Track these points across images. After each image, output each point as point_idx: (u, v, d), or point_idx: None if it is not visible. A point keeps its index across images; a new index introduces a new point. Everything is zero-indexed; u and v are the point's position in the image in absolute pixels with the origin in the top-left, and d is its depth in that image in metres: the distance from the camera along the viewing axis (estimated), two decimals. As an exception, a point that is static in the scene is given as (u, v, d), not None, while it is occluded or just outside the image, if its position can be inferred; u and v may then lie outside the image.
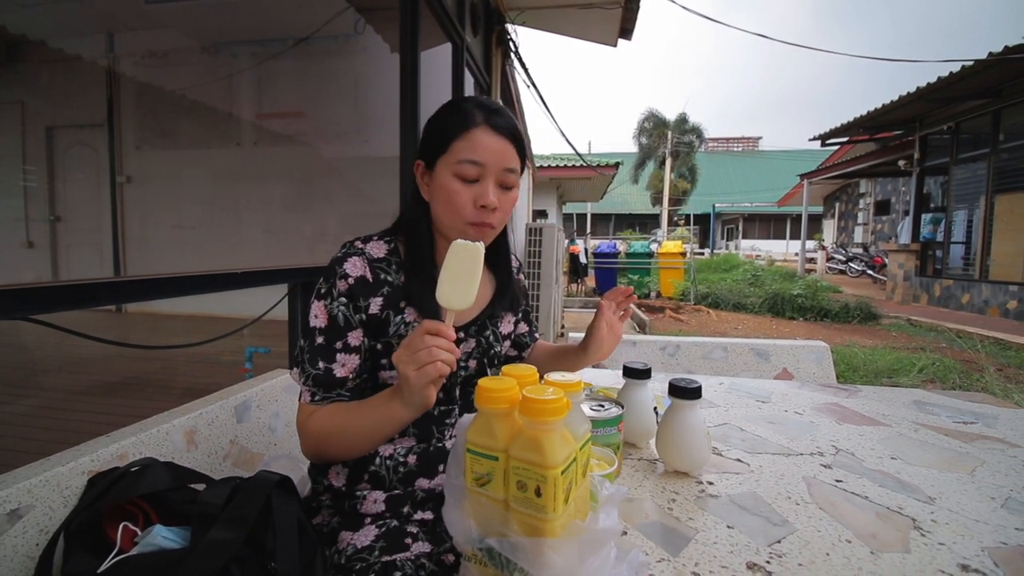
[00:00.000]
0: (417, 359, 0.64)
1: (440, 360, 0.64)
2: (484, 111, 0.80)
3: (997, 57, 5.87)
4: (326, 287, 0.79)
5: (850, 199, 17.15)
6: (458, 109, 0.81)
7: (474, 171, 0.78)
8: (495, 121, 0.80)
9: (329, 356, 0.77)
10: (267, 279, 1.47)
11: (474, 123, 0.79)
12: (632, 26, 4.34)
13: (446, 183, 0.79)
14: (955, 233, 8.23)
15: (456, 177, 0.79)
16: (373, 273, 0.80)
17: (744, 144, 48.30)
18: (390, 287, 0.81)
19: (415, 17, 2.40)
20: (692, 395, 0.80)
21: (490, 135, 0.79)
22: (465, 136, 0.78)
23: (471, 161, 0.78)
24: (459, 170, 0.78)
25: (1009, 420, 1.08)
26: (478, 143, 0.78)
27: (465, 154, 0.78)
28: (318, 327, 0.78)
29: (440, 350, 0.64)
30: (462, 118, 0.79)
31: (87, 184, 4.76)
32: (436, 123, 0.83)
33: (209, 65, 4.52)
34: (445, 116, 0.82)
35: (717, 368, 2.01)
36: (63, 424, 2.42)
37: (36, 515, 0.66)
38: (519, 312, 1.02)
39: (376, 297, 0.79)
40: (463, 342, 0.86)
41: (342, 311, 0.78)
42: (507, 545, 0.48)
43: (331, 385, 0.77)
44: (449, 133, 0.80)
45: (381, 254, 0.83)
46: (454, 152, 0.79)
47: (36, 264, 4.68)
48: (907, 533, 0.66)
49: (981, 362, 4.25)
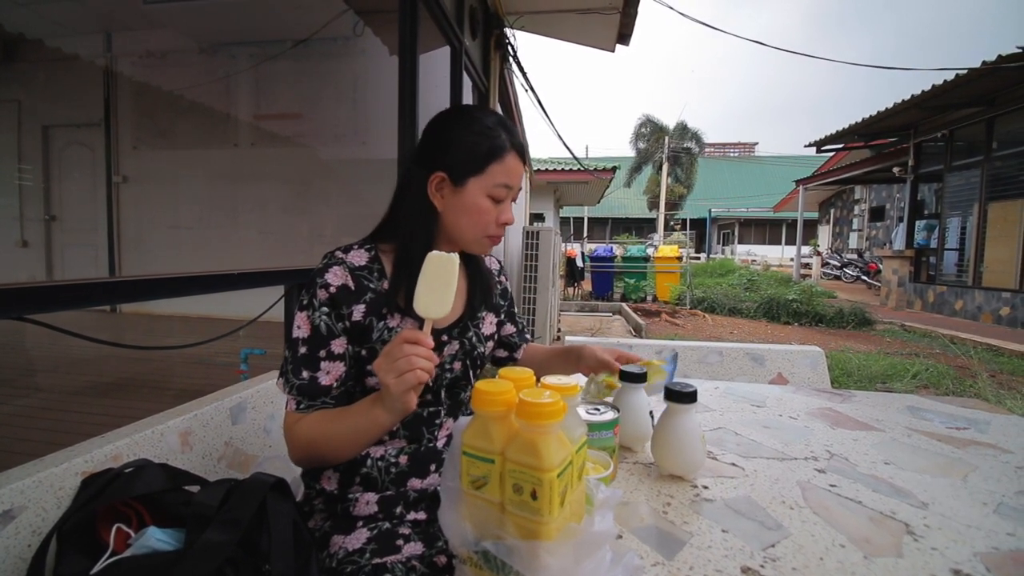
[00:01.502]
0: (396, 367, 0.66)
1: (419, 368, 0.66)
2: (510, 134, 0.86)
3: (990, 66, 5.92)
4: (308, 298, 0.80)
5: (845, 205, 17.25)
6: (490, 132, 0.84)
7: (506, 194, 0.85)
8: (519, 146, 0.86)
9: (313, 365, 0.78)
10: (264, 280, 1.47)
11: (506, 147, 0.84)
12: (630, 31, 4.37)
13: (478, 201, 0.83)
14: (949, 240, 8.29)
15: (489, 197, 0.84)
16: (355, 281, 0.82)
17: (740, 149, 48.50)
18: (373, 294, 0.82)
19: (414, 20, 2.40)
20: (688, 399, 0.81)
21: (517, 160, 0.85)
22: (501, 161, 0.83)
23: (506, 186, 0.84)
24: (495, 192, 0.83)
25: (1001, 426, 1.09)
26: (512, 169, 0.85)
27: (502, 179, 0.83)
28: (301, 337, 0.79)
29: (419, 358, 0.66)
30: (498, 142, 0.83)
31: (83, 184, 4.74)
32: (466, 140, 0.83)
33: (207, 66, 4.52)
34: (476, 136, 0.83)
35: (712, 372, 2.01)
36: (56, 425, 2.40)
37: (29, 516, 0.66)
38: (501, 312, 1.03)
39: (359, 304, 0.81)
40: (446, 344, 0.87)
41: (324, 320, 0.79)
42: (503, 548, 0.48)
43: (316, 393, 0.78)
44: (486, 156, 0.83)
45: (362, 262, 0.84)
46: (491, 175, 0.83)
47: (30, 263, 4.66)
48: (900, 538, 0.66)
49: (974, 368, 4.27)
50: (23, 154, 4.59)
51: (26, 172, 4.65)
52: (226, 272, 1.28)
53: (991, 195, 7.25)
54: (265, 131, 4.54)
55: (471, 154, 0.83)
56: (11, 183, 4.59)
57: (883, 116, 7.88)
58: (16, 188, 4.62)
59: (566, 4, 4.03)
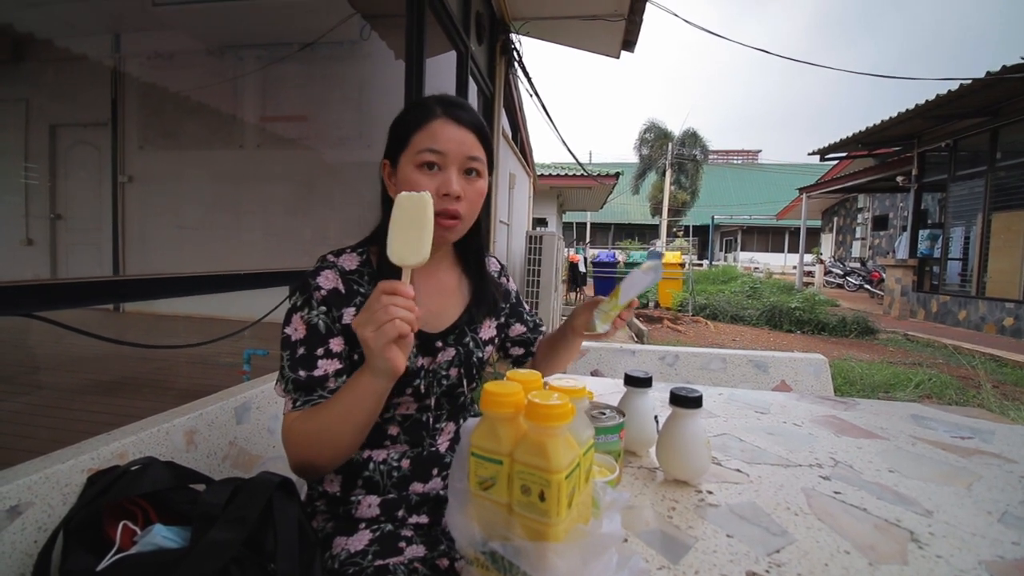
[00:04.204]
0: (375, 319, 0.63)
1: (398, 318, 0.62)
2: (443, 104, 0.81)
3: (995, 76, 5.93)
4: (302, 300, 0.78)
5: (848, 214, 17.24)
6: (418, 105, 0.82)
7: (434, 159, 0.78)
8: (455, 113, 0.80)
9: (310, 364, 0.76)
10: (270, 281, 1.48)
11: (433, 115, 0.80)
12: (635, 38, 4.38)
13: (408, 175, 0.79)
14: (952, 249, 8.27)
15: (417, 168, 0.78)
16: (346, 285, 0.80)
17: (744, 157, 48.56)
18: (362, 297, 0.81)
19: (421, 25, 2.42)
20: (693, 404, 0.81)
21: (450, 125, 0.79)
22: (425, 128, 0.79)
23: (431, 150, 0.78)
24: (420, 159, 0.78)
25: (1006, 436, 1.09)
26: (437, 133, 0.78)
27: (425, 143, 0.78)
28: (297, 339, 0.77)
29: (397, 308, 0.62)
30: (421, 112, 0.80)
31: (89, 183, 4.77)
32: (398, 121, 0.83)
33: (214, 67, 4.55)
34: (406, 113, 0.83)
35: (715, 379, 2.01)
36: (61, 423, 2.41)
37: (36, 512, 0.66)
38: (501, 315, 1.00)
39: (349, 308, 0.79)
40: (441, 351, 0.85)
41: (322, 319, 0.78)
42: (510, 549, 0.48)
43: (312, 387, 0.75)
44: (409, 127, 0.80)
45: (353, 266, 0.83)
46: (414, 145, 0.79)
47: (35, 262, 4.68)
48: (905, 545, 0.66)
49: (978, 378, 4.25)
50: (30, 153, 4.62)
51: (32, 171, 4.67)
52: (234, 272, 1.29)
53: (995, 205, 7.24)
54: (271, 133, 4.56)
55: (399, 131, 0.82)
56: (17, 181, 4.62)
57: (887, 125, 7.88)
58: (22, 186, 4.64)
59: (572, 10, 4.06)
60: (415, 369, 0.81)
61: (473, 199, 0.82)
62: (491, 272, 0.99)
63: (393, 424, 0.84)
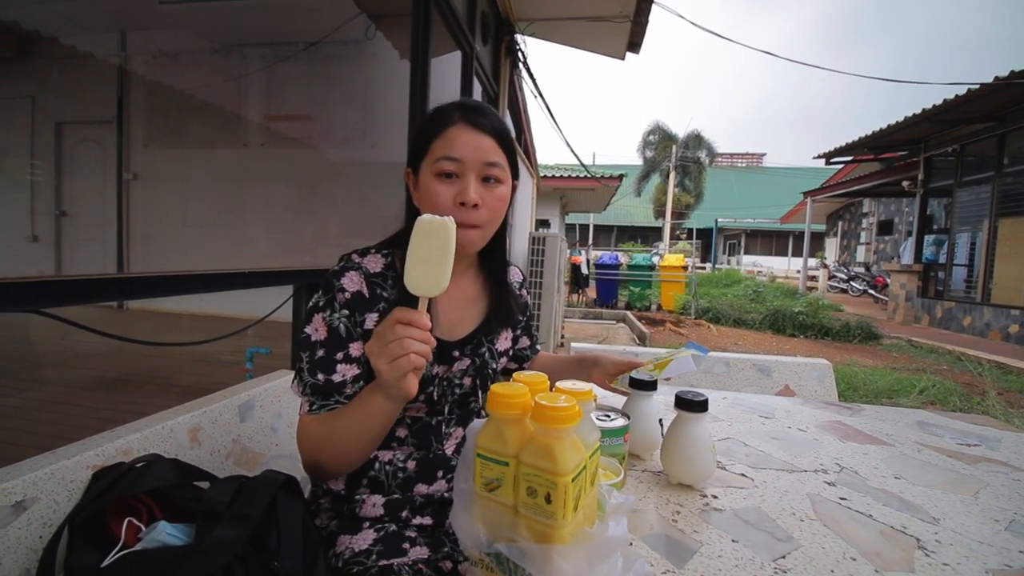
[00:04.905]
0: (389, 351, 0.62)
1: (413, 352, 0.61)
2: (462, 110, 0.80)
3: (1002, 81, 5.91)
4: (325, 300, 0.77)
5: (853, 218, 17.19)
6: (438, 111, 0.82)
7: (452, 167, 0.77)
8: (473, 118, 0.79)
9: (329, 367, 0.75)
10: (275, 280, 1.48)
11: (451, 121, 0.79)
12: (640, 40, 4.38)
13: (427, 183, 0.79)
14: (958, 255, 8.23)
15: (436, 177, 0.78)
16: (369, 288, 0.79)
17: (748, 160, 48.45)
18: (386, 303, 0.79)
19: (427, 25, 2.42)
20: (698, 408, 0.80)
21: (468, 131, 0.78)
22: (442, 135, 0.78)
23: (448, 157, 0.77)
24: (438, 167, 0.77)
25: (1013, 444, 1.08)
26: (455, 139, 0.78)
27: (442, 152, 0.77)
28: (318, 340, 0.76)
29: (413, 341, 0.61)
30: (440, 118, 0.80)
31: (94, 180, 4.79)
32: (420, 129, 0.83)
33: (219, 66, 4.56)
34: (426, 121, 0.82)
35: (719, 383, 2.00)
36: (66, 419, 2.42)
37: (41, 508, 0.66)
38: (519, 328, 0.99)
39: (372, 313, 0.78)
40: (457, 360, 0.84)
41: (343, 323, 0.76)
42: (516, 551, 0.48)
43: (329, 392, 0.75)
44: (428, 135, 0.80)
45: (378, 268, 0.81)
46: (433, 152, 0.79)
47: (40, 258, 4.70)
48: (911, 553, 0.66)
49: (982, 385, 4.23)
50: (36, 150, 4.64)
51: (38, 168, 4.69)
52: (238, 271, 1.29)
53: (1002, 211, 7.21)
54: (275, 132, 4.57)
55: (420, 139, 0.81)
56: (23, 178, 4.64)
57: (893, 129, 7.86)
58: (28, 183, 4.67)
59: (577, 11, 4.06)
60: (429, 376, 0.81)
61: (493, 206, 0.81)
62: (513, 283, 0.97)
63: (402, 426, 0.83)
